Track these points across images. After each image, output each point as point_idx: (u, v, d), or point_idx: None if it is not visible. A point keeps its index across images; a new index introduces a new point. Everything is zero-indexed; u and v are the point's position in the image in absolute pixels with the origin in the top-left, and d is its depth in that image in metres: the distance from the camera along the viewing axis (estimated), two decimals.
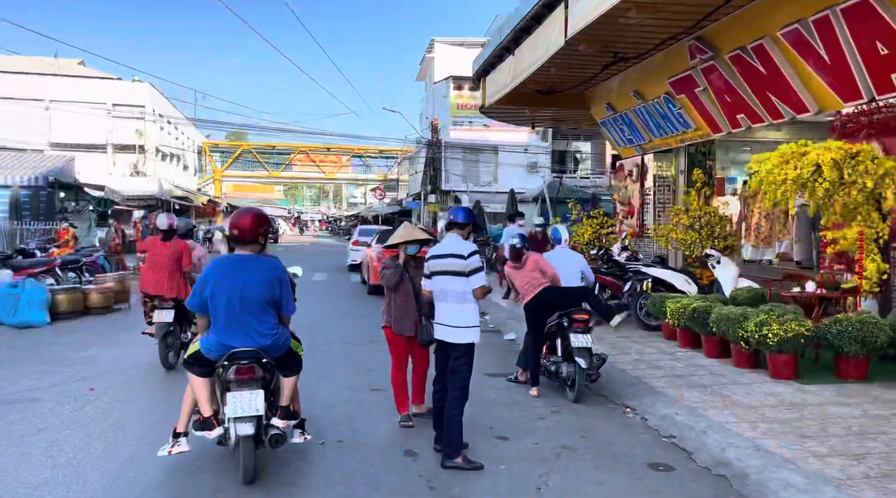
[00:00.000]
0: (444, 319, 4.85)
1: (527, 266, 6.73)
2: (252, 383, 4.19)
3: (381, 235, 16.25)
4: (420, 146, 37.84)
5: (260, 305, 4.20)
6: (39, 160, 20.33)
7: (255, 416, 4.13)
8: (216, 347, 4.21)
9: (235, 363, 4.15)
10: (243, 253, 4.32)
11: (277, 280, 4.31)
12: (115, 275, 12.31)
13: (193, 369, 4.35)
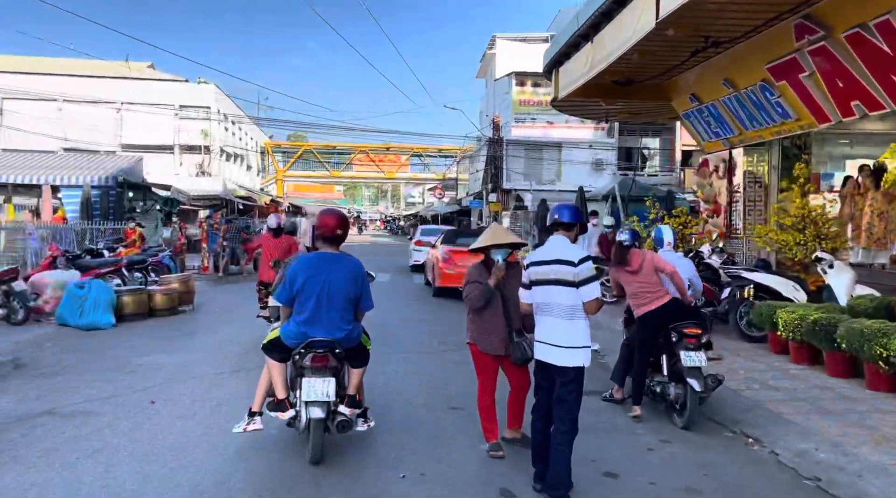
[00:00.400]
0: (547, 337, 4.11)
1: (644, 269, 5.78)
2: (325, 371, 4.49)
3: (446, 236, 15.58)
4: (481, 144, 37.11)
5: (342, 300, 4.49)
6: (109, 161, 20.55)
7: (326, 401, 4.44)
8: (296, 335, 4.51)
9: (312, 351, 4.46)
10: (328, 251, 4.62)
11: (359, 278, 4.61)
12: (180, 276, 12.06)
13: (272, 355, 4.67)
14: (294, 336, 4.53)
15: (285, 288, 4.56)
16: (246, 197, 36.68)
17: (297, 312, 4.53)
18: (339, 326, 4.50)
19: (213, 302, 13.36)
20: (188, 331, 10.03)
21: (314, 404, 4.43)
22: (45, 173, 18.65)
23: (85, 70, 35.85)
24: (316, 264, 4.51)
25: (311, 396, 4.42)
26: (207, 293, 14.77)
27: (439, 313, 12.14)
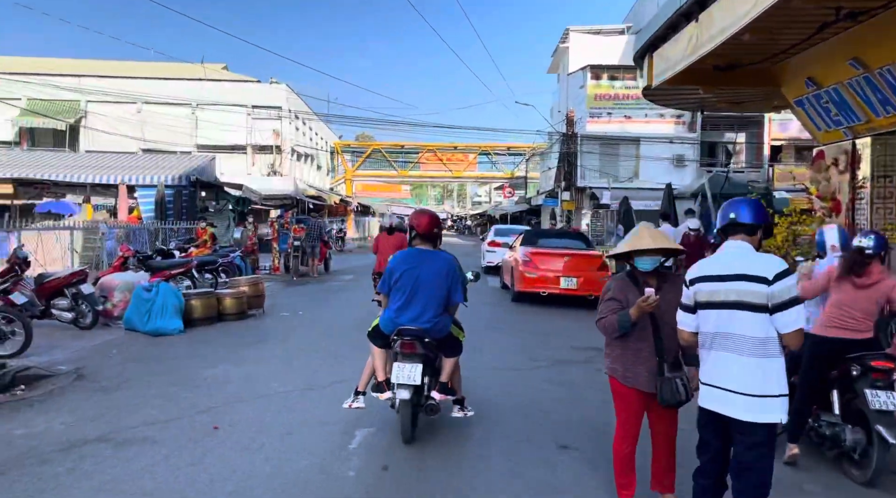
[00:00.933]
0: (724, 381, 3.04)
1: (872, 291, 4.51)
2: (413, 357, 4.81)
3: (526, 237, 14.50)
4: (553, 141, 35.78)
5: (432, 293, 4.79)
6: (182, 160, 20.48)
7: (413, 384, 4.73)
8: (389, 323, 4.88)
9: (402, 338, 4.82)
10: (422, 247, 4.98)
11: (450, 273, 4.88)
12: (249, 278, 11.51)
13: (375, 341, 5.06)
14: (388, 324, 4.91)
15: (384, 281, 4.97)
16: (316, 196, 36.59)
17: (392, 301, 4.91)
18: (427, 318, 4.80)
19: (283, 305, 12.76)
20: (257, 338, 9.36)
21: (402, 386, 4.78)
22: (120, 173, 18.63)
23: (163, 72, 36.56)
24: (412, 259, 4.89)
25: (399, 378, 4.77)
26: (277, 296, 14.22)
27: (523, 321, 11.11)
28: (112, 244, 17.89)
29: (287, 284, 16.59)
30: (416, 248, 5.00)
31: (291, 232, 19.10)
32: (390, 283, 4.91)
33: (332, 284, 16.72)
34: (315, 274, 18.96)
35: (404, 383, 4.75)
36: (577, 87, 34.55)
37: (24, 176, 17.81)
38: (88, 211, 19.05)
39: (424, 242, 5.01)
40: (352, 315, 11.44)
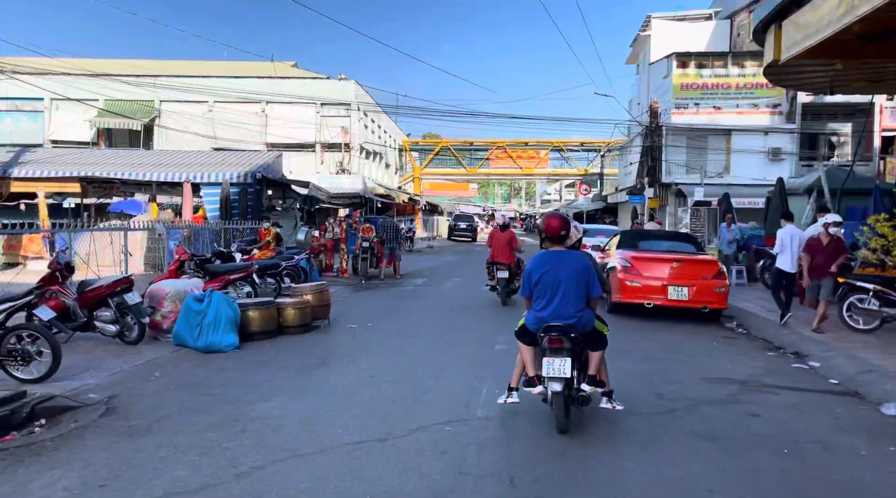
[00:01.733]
0: None
1: None
2: (561, 352, 5.05)
3: (624, 239, 12.65)
4: (634, 134, 33.45)
5: (572, 291, 5.13)
6: (248, 157, 19.58)
7: (564, 377, 5.03)
8: (535, 321, 5.22)
9: (549, 335, 5.08)
10: (555, 249, 5.30)
11: (586, 269, 5.21)
12: (314, 286, 10.19)
13: (522, 339, 5.40)
14: (534, 323, 5.20)
15: (525, 285, 5.29)
16: (384, 195, 35.51)
17: (535, 302, 5.23)
18: (571, 314, 5.08)
19: (351, 314, 11.40)
20: (321, 358, 7.97)
21: (553, 380, 5.04)
22: (185, 171, 17.83)
23: (233, 71, 36.28)
24: (548, 261, 5.19)
25: (550, 372, 5.03)
26: (345, 302, 12.91)
27: (629, 340, 9.30)
28: (175, 245, 17.10)
29: (355, 289, 15.30)
30: (549, 250, 5.30)
31: (360, 232, 17.86)
32: (531, 286, 5.24)
33: (403, 290, 15.32)
34: (383, 276, 17.70)
35: (555, 376, 5.03)
36: (660, 77, 32.10)
37: (90, 174, 17.20)
38: (154, 210, 18.35)
39: (555, 244, 5.30)
40: (429, 329, 9.94)
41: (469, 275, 19.03)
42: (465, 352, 8.30)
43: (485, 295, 13.87)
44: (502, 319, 10.79)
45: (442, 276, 18.75)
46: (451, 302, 13.06)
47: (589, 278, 5.17)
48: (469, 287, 15.76)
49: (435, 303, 12.93)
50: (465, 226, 41.34)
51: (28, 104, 33.63)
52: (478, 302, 13.11)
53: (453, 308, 12.17)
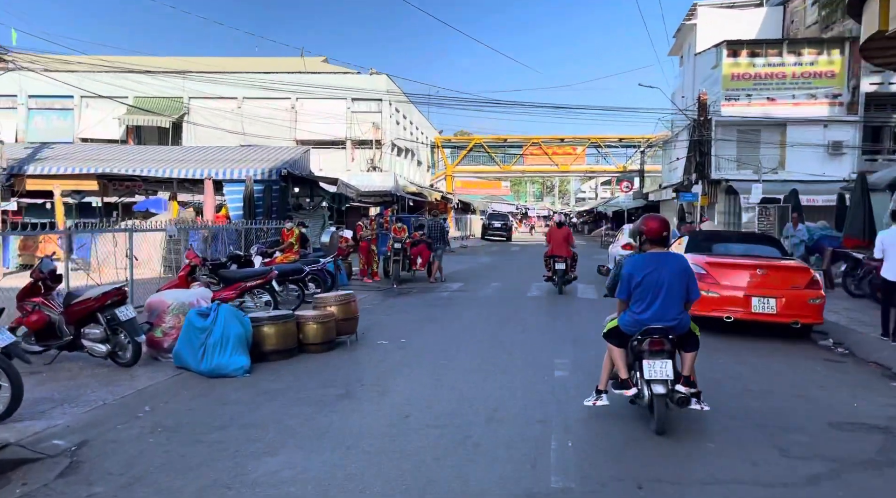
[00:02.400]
0: None
1: None
2: (662, 354, 5.05)
3: (694, 241, 11.00)
4: (680, 128, 31.50)
5: (674, 293, 5.04)
6: (273, 153, 18.37)
7: (666, 379, 5.01)
8: (633, 324, 5.11)
9: (649, 337, 5.03)
10: (656, 251, 5.17)
11: (687, 271, 5.14)
12: (340, 296, 8.76)
13: (612, 341, 5.27)
14: (632, 325, 5.12)
15: (624, 287, 5.14)
16: (416, 193, 34.15)
17: (634, 304, 5.13)
18: (673, 316, 5.05)
19: (382, 327, 10.02)
20: (344, 385, 6.57)
21: (656, 382, 5.01)
22: (207, 167, 16.66)
23: (263, 67, 35.30)
24: (650, 263, 5.09)
25: (652, 375, 5.00)
26: (375, 311, 11.53)
27: (717, 363, 7.71)
28: (197, 247, 15.94)
29: (386, 295, 13.92)
30: (649, 252, 5.16)
31: (391, 232, 16.49)
32: (630, 287, 5.10)
33: (438, 296, 13.88)
34: (439, 277, 16.42)
35: (658, 379, 4.98)
36: (707, 68, 30.14)
37: (107, 171, 16.14)
38: (174, 209, 17.26)
39: (655, 246, 5.17)
40: (471, 348, 8.47)
41: (510, 278, 17.50)
42: (519, 380, 6.82)
43: (532, 304, 12.42)
44: (556, 335, 9.28)
45: (479, 279, 17.28)
46: (494, 312, 11.58)
47: (689, 280, 5.13)
48: (512, 293, 14.25)
49: (475, 313, 11.46)
50: (500, 225, 39.62)
51: (58, 102, 33.10)
52: (524, 311, 11.61)
53: (498, 320, 10.69)
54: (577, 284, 15.23)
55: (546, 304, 12.68)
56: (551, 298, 13.56)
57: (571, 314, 11.07)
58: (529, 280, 16.80)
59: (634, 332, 5.06)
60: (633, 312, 5.10)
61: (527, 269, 20.53)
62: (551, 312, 11.54)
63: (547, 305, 12.38)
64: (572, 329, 9.67)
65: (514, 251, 30.75)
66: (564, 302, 12.93)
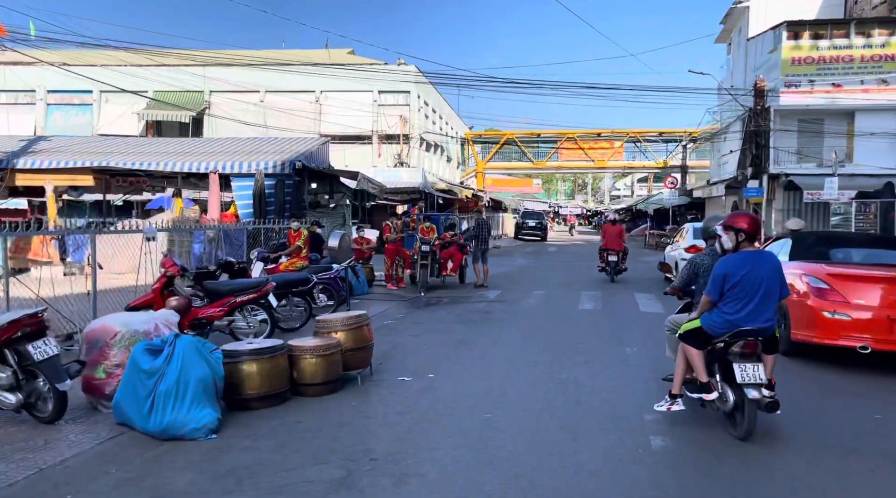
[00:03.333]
0: None
1: None
2: (754, 357, 4.80)
3: (799, 246, 8.62)
4: (732, 119, 28.80)
5: (771, 293, 4.77)
6: (288, 144, 16.40)
7: (760, 383, 4.70)
8: (723, 325, 4.79)
9: (742, 339, 4.76)
10: (749, 249, 4.85)
11: (779, 270, 4.84)
12: (349, 317, 6.60)
13: (691, 342, 4.96)
14: (721, 326, 4.79)
15: (716, 286, 4.80)
16: (446, 190, 32.01)
17: (726, 304, 4.78)
18: (767, 317, 4.77)
19: (405, 352, 7.92)
20: (345, 463, 4.44)
21: (749, 386, 4.69)
22: (211, 160, 14.75)
23: (286, 59, 33.50)
24: (746, 262, 4.78)
25: (745, 379, 4.69)
26: (397, 329, 9.44)
27: (868, 422, 5.42)
28: (201, 249, 14.06)
29: (412, 306, 11.81)
30: (745, 250, 4.87)
31: (419, 233, 14.40)
32: (723, 288, 4.80)
33: (473, 307, 11.71)
34: (483, 282, 14.49)
35: (751, 383, 4.70)
36: (763, 53, 27.39)
37: (101, 164, 14.32)
38: (178, 206, 15.43)
39: (749, 243, 4.90)
40: (522, 390, 6.27)
41: (553, 285, 15.23)
42: (600, 451, 4.63)
43: (586, 321, 10.21)
44: (633, 371, 7.04)
45: (519, 286, 15.06)
46: (543, 331, 9.38)
47: (782, 279, 4.86)
48: (560, 305, 12.00)
49: (519, 333, 9.28)
50: (535, 224, 37.09)
51: (77, 97, 31.81)
52: (580, 331, 9.38)
53: (549, 344, 8.48)
54: (637, 297, 12.93)
55: (604, 320, 10.43)
56: (608, 310, 11.31)
57: (642, 337, 8.80)
58: (577, 287, 14.53)
59: (723, 333, 4.80)
60: (724, 313, 4.81)
61: (570, 273, 18.25)
62: (614, 332, 9.28)
63: (606, 323, 10.14)
64: (651, 359, 7.42)
65: (552, 252, 28.39)
66: (625, 317, 10.67)
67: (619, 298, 13.05)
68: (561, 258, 24.73)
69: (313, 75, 31.18)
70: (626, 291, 14.13)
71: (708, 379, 4.88)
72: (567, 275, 17.66)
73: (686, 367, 5.04)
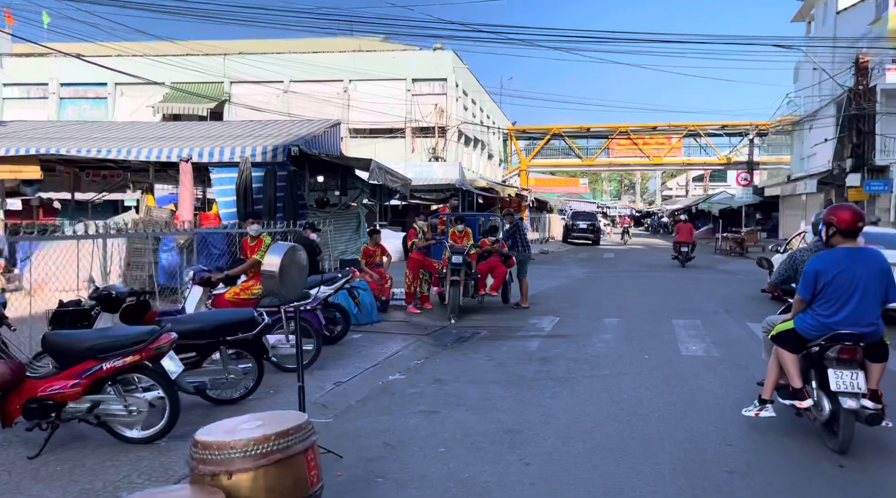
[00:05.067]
0: None
1: None
2: (853, 363, 4.30)
3: None
4: (824, 103, 24.29)
5: (872, 294, 4.28)
6: (286, 127, 12.96)
7: (857, 393, 4.24)
8: (818, 328, 4.37)
9: (838, 344, 4.27)
10: (848, 245, 4.37)
11: (885, 270, 4.33)
12: (266, 438, 2.93)
13: (784, 345, 4.57)
14: (815, 329, 4.41)
15: (809, 285, 4.40)
16: (487, 188, 28.26)
17: (820, 305, 4.38)
18: (869, 321, 4.32)
19: (407, 453, 4.29)
20: None
21: (845, 395, 4.26)
22: (186, 145, 11.41)
23: (311, 48, 30.34)
24: (843, 260, 4.33)
25: (840, 387, 4.27)
26: (404, 398, 5.79)
27: None
28: (173, 259, 10.82)
29: (434, 345, 8.18)
30: (840, 246, 4.36)
31: (449, 239, 10.80)
32: (816, 288, 4.34)
33: (522, 349, 7.98)
34: (523, 303, 10.97)
35: (847, 392, 4.24)
36: (862, 25, 22.87)
37: (49, 152, 11.13)
38: (149, 203, 12.20)
39: (847, 239, 4.36)
40: None
41: (630, 307, 11.35)
42: None
43: (717, 380, 6.33)
44: None
45: (582, 309, 11.26)
46: (644, 406, 5.59)
47: (888, 280, 4.30)
48: (650, 345, 8.14)
49: (604, 407, 5.53)
50: (586, 225, 32.81)
51: (91, 90, 29.32)
52: (710, 403, 5.56)
53: (667, 441, 4.72)
54: (752, 326, 8.92)
55: (732, 372, 6.59)
56: (729, 355, 7.41)
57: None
58: (662, 311, 10.69)
59: (818, 337, 4.36)
60: (817, 315, 4.35)
61: (644, 288, 14.27)
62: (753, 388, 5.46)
63: (739, 379, 6.32)
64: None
65: (610, 259, 24.28)
66: (760, 366, 6.77)
67: (726, 328, 9.16)
68: (623, 267, 20.67)
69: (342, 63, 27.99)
70: (730, 316, 10.21)
71: (802, 385, 4.48)
72: (640, 291, 13.73)
73: (779, 371, 4.64)
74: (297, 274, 4.17)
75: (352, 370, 6.64)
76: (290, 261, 4.09)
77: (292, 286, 4.14)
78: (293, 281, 4.13)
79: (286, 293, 4.13)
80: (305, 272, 4.26)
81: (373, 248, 10.57)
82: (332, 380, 6.25)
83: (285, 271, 4.05)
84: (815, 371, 4.47)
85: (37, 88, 29.11)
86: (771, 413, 4.68)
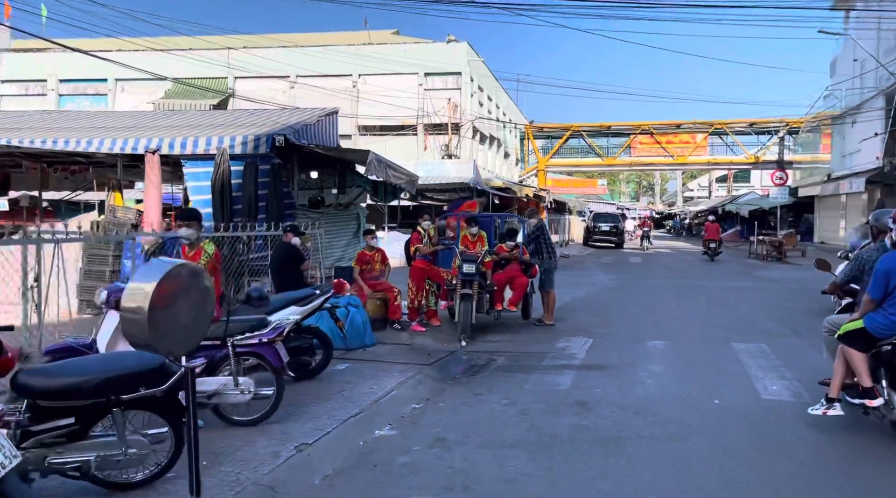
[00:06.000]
0: None
1: None
2: None
3: None
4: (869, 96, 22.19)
5: None
6: (272, 116, 11.32)
7: None
8: (889, 327, 4.37)
9: None
10: None
11: None
12: None
13: (852, 344, 4.52)
14: (887, 328, 4.39)
15: (879, 286, 4.43)
16: (503, 188, 26.48)
17: (891, 304, 4.39)
18: None
19: None
20: None
21: None
22: (155, 135, 9.76)
23: (319, 41, 28.82)
24: None
25: None
26: (388, 471, 4.05)
27: None
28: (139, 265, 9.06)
29: (439, 378, 6.43)
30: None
31: (460, 244, 9.05)
32: (886, 286, 4.38)
33: (550, 384, 6.21)
34: (548, 320, 9.15)
35: None
36: None
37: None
38: (116, 202, 10.61)
39: None
40: None
41: (675, 325, 9.51)
42: None
43: (811, 446, 4.50)
44: None
45: (617, 327, 9.42)
46: (721, 483, 3.82)
47: None
48: (715, 383, 6.31)
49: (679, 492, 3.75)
50: (609, 227, 30.73)
51: (91, 87, 28.04)
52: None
53: None
54: None
55: (841, 433, 4.79)
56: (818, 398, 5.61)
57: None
58: (715, 331, 8.86)
59: (890, 335, 4.36)
60: (889, 314, 4.37)
61: (685, 300, 12.38)
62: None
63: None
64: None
65: (637, 263, 22.32)
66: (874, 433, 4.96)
67: (803, 355, 7.34)
68: (653, 272, 18.74)
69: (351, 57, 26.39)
70: (801, 339, 8.37)
71: (872, 384, 4.44)
72: (680, 303, 11.87)
73: (845, 370, 4.59)
74: (189, 314, 2.44)
75: (325, 423, 4.93)
76: (172, 291, 2.36)
77: (176, 333, 2.41)
78: (178, 325, 2.40)
79: (164, 345, 2.39)
80: (206, 311, 2.53)
81: (369, 252, 8.86)
82: (295, 441, 4.54)
83: (162, 310, 2.31)
84: (886, 370, 4.43)
85: (35, 85, 27.90)
86: (839, 411, 4.61)
